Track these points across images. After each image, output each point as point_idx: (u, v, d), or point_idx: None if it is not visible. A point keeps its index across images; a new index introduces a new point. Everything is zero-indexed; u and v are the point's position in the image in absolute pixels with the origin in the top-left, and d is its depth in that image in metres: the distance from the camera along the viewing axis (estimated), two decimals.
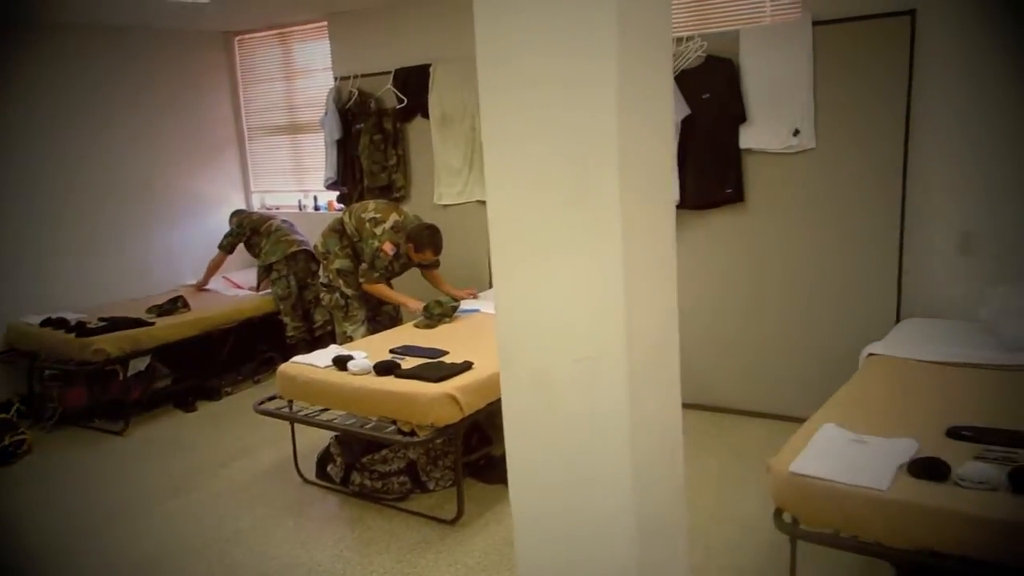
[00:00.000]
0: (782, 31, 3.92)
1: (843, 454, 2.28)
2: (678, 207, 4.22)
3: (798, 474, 2.21)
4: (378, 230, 4.52)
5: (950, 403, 2.68)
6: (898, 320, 3.79)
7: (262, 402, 3.74)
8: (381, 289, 4.62)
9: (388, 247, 4.50)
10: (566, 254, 1.24)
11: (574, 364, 1.26)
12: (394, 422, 3.33)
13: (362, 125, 5.33)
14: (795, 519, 2.29)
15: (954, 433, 2.39)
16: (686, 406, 4.32)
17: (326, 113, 5.47)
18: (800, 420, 2.65)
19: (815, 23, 3.82)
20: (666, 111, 1.31)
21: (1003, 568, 1.91)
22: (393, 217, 4.57)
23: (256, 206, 6.59)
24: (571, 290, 1.25)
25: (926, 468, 2.12)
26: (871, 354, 3.29)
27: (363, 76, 5.40)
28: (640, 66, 1.22)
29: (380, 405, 3.31)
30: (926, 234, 3.76)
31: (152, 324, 4.82)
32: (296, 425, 3.79)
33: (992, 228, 3.62)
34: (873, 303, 3.84)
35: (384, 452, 3.62)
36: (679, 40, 4.15)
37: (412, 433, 3.26)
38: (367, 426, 3.42)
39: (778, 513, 2.32)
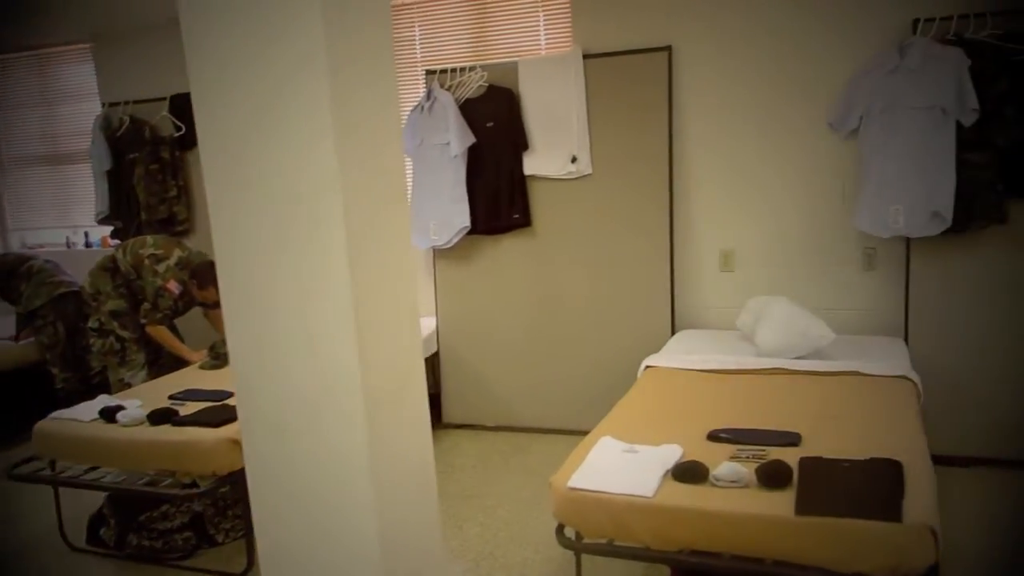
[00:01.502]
0: (556, 63, 4.12)
1: (616, 465, 2.39)
2: (470, 232, 4.30)
3: (576, 488, 2.29)
4: (160, 267, 4.21)
5: (714, 408, 2.89)
6: (673, 333, 4.07)
7: (16, 465, 3.33)
8: (163, 334, 4.28)
9: (173, 285, 4.20)
10: (294, 300, 1.21)
11: (309, 409, 1.22)
12: (173, 474, 3.10)
13: (136, 154, 4.96)
14: (578, 533, 2.36)
15: (714, 436, 2.58)
16: (487, 429, 4.45)
17: (93, 142, 5.04)
18: None
19: (585, 56, 4.05)
20: (395, 152, 1.31)
21: (754, 560, 2.08)
22: (177, 253, 4.27)
23: (16, 246, 5.93)
24: (302, 335, 1.21)
25: (687, 472, 2.27)
26: (648, 366, 3.50)
27: (135, 102, 5.05)
28: (361, 112, 1.21)
29: (155, 457, 3.06)
30: (692, 252, 4.09)
31: None
32: (62, 488, 3.41)
33: (746, 246, 3.99)
34: (650, 317, 4.10)
35: (165, 508, 3.35)
36: (461, 70, 4.25)
37: (193, 484, 3.05)
38: (142, 481, 3.15)
39: (560, 529, 2.38)
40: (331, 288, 1.18)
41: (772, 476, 2.16)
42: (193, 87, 1.23)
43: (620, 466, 2.37)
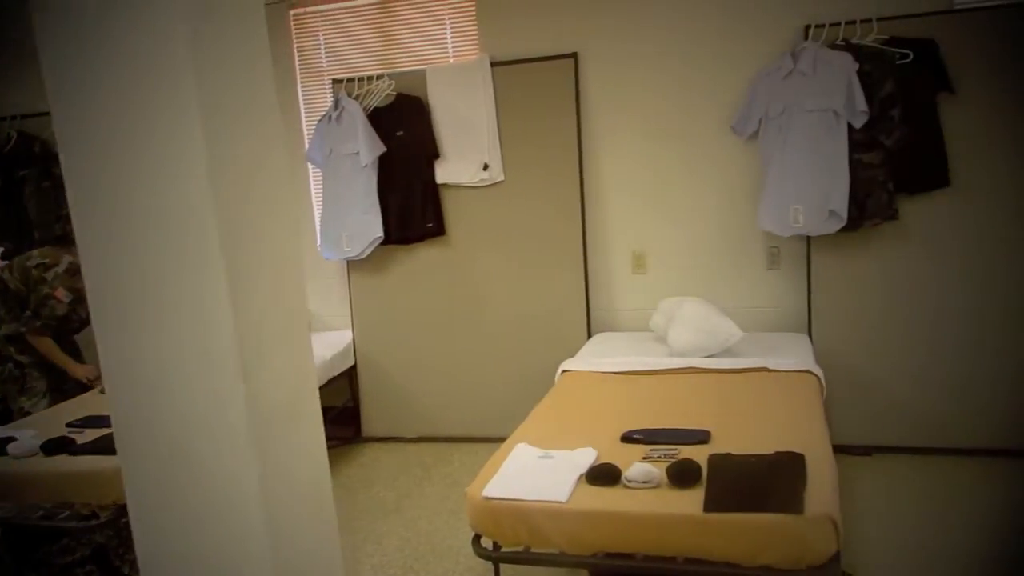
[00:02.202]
0: (464, 71, 4.11)
1: (531, 472, 2.38)
2: (383, 243, 4.24)
3: (490, 498, 2.27)
4: (48, 275, 3.98)
5: (628, 409, 2.92)
6: (589, 336, 4.11)
7: None
8: (46, 345, 4.03)
9: (61, 293, 3.97)
10: (169, 319, 1.15)
11: (190, 432, 1.17)
12: (72, 505, 2.94)
13: (26, 171, 4.72)
14: (496, 543, 2.34)
15: (627, 438, 2.60)
16: (408, 441, 4.39)
17: None
18: None
19: (493, 64, 4.06)
20: (277, 163, 1.27)
21: (667, 558, 2.11)
22: (67, 259, 4.03)
23: None
24: (179, 355, 1.16)
25: (600, 475, 2.29)
26: (564, 370, 3.52)
27: (24, 116, 4.79)
28: (236, 121, 1.16)
29: (51, 489, 2.89)
30: (605, 256, 4.14)
31: None
32: None
33: (657, 249, 4.07)
34: (567, 321, 4.13)
35: (65, 541, 3.17)
36: (369, 79, 4.19)
37: (94, 515, 2.89)
38: (37, 515, 2.97)
39: (476, 539, 2.36)
40: (209, 305, 1.13)
41: (681, 475, 2.19)
42: (52, 101, 1.16)
43: (535, 472, 2.37)
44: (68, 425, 3.31)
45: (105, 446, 2.95)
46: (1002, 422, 3.56)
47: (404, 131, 4.18)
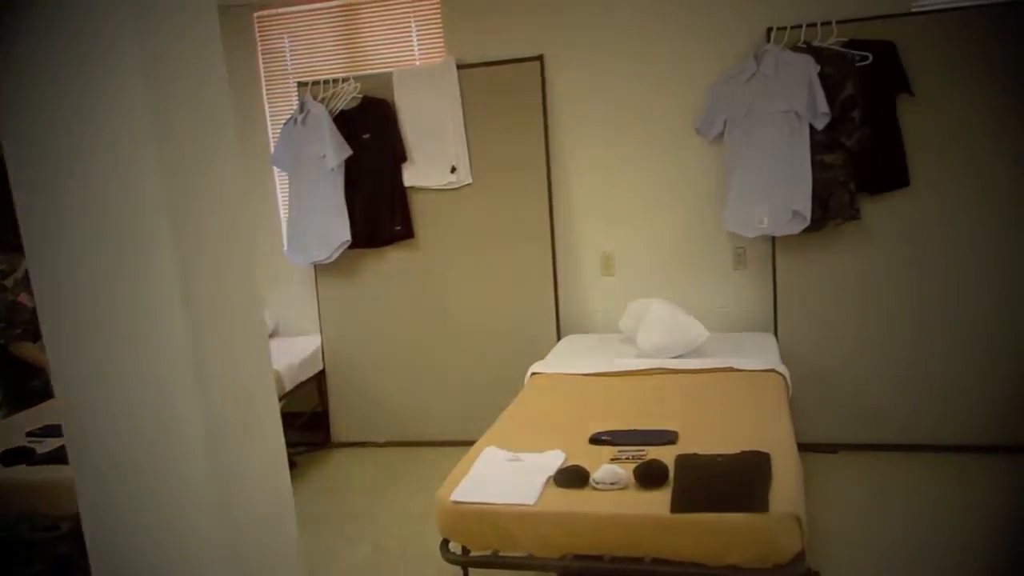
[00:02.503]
0: (431, 73, 4.09)
1: (499, 475, 2.38)
2: (351, 246, 4.21)
3: (458, 502, 2.27)
4: (8, 282, 3.91)
5: (597, 411, 2.93)
6: (559, 338, 4.11)
7: None
8: (28, 351, 3.96)
9: (25, 298, 3.91)
10: (128, 331, 1.13)
11: (144, 444, 1.14)
12: (31, 516, 2.87)
13: None
14: (465, 547, 2.34)
15: (595, 439, 2.61)
16: (378, 446, 4.36)
17: None
18: None
19: (459, 66, 4.05)
20: (232, 168, 1.25)
21: (634, 559, 2.11)
22: (24, 264, 3.97)
23: None
24: (138, 365, 1.14)
25: (568, 477, 2.29)
26: (534, 373, 3.52)
27: None
28: (188, 125, 1.15)
29: (10, 500, 2.84)
30: (574, 257, 4.15)
31: None
32: None
33: (625, 250, 4.09)
34: (537, 324, 4.13)
35: (25, 553, 3.10)
36: (334, 81, 4.16)
37: (55, 526, 2.84)
38: None
39: (445, 544, 2.35)
40: (162, 312, 1.11)
41: (648, 476, 2.20)
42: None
43: (503, 476, 2.37)
44: (29, 434, 3.24)
45: (65, 455, 2.89)
46: (966, 418, 3.63)
47: (371, 134, 4.16)
